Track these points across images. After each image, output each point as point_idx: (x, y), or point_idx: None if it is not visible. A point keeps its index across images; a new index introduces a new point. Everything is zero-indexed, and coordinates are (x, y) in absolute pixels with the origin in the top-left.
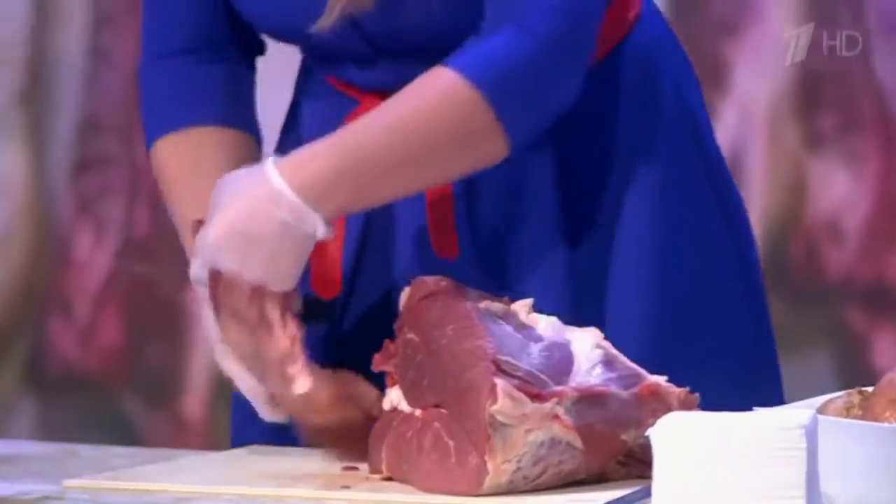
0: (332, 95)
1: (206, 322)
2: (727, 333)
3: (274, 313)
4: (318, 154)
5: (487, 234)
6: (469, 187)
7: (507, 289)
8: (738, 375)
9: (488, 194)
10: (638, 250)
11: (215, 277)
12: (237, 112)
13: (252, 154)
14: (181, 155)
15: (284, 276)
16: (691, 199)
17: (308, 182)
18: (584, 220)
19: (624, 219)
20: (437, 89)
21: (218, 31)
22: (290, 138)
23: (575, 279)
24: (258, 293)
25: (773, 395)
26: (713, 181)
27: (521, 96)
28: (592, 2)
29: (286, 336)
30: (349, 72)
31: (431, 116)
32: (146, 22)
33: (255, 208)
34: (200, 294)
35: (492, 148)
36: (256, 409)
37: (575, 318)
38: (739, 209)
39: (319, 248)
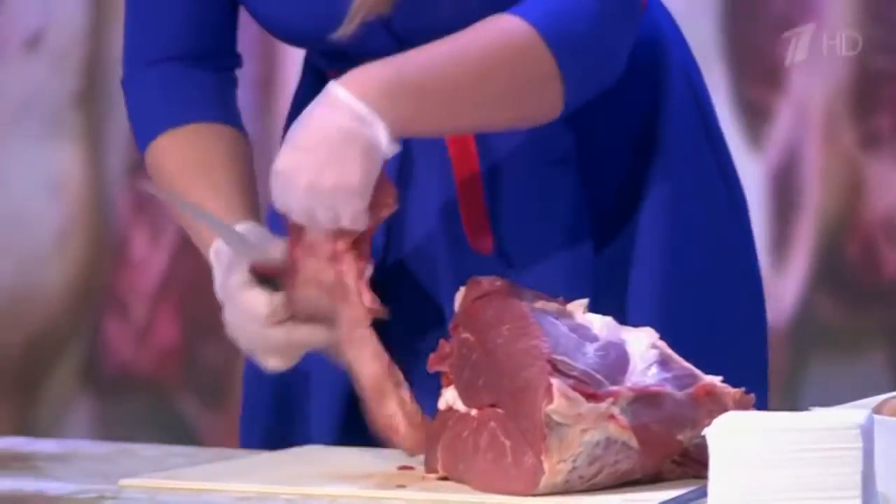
0: None
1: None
2: (732, 325)
3: (350, 277)
4: (378, 67)
5: (512, 231)
6: (494, 180)
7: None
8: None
9: (514, 187)
10: (652, 247)
11: (295, 233)
12: (229, 113)
13: (250, 151)
14: (183, 149)
15: (356, 192)
16: (703, 187)
17: (368, 90)
18: (604, 214)
19: (643, 212)
20: (502, 29)
21: (206, 41)
22: None
23: (597, 276)
24: (336, 239)
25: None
26: (722, 166)
27: (583, 51)
28: None
29: (361, 303)
30: None
31: (494, 54)
32: (131, 30)
33: (318, 122)
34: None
35: (549, 99)
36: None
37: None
38: (742, 198)
39: None
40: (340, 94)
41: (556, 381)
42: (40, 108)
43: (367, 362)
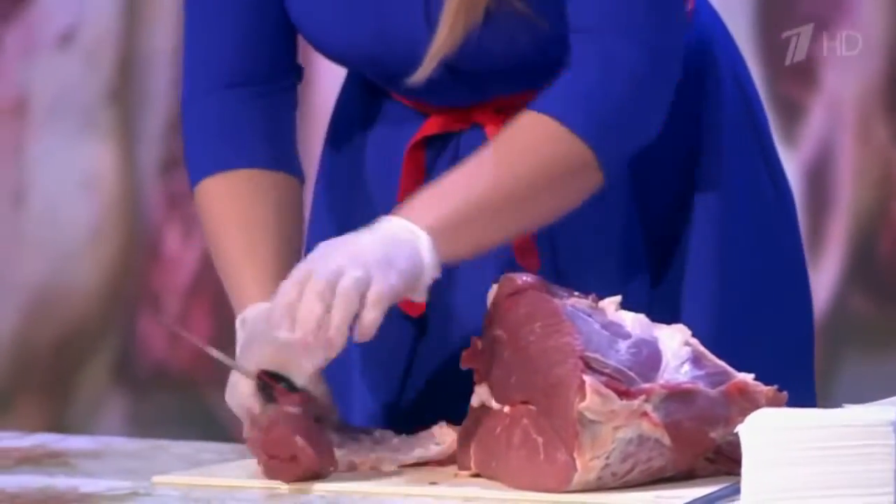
0: (395, 111)
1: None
2: (782, 328)
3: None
4: (434, 204)
5: (565, 245)
6: None
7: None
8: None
9: None
10: (705, 253)
11: None
12: (282, 150)
13: (298, 196)
14: (228, 199)
15: (395, 293)
16: (753, 191)
17: (435, 227)
18: (656, 221)
19: (694, 219)
20: (543, 140)
21: (264, 63)
22: (345, 155)
23: (652, 286)
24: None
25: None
26: (770, 167)
27: (618, 135)
28: (678, 34)
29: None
30: (422, 94)
31: (539, 167)
32: (189, 55)
33: (372, 231)
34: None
35: (591, 184)
36: None
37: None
38: (790, 199)
39: None
40: (386, 218)
41: (588, 379)
42: (73, 104)
43: None
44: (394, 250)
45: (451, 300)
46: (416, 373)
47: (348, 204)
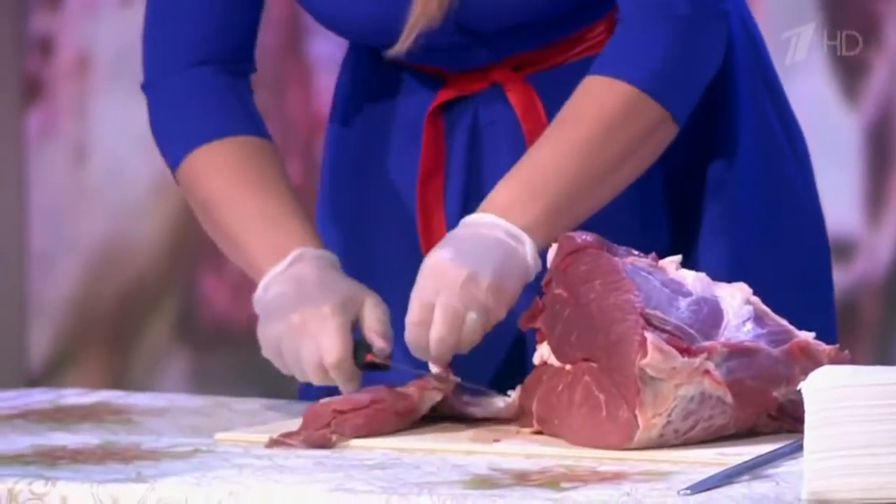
0: (407, 79)
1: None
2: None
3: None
4: (530, 199)
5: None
6: None
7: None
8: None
9: None
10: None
11: None
12: (256, 119)
13: (279, 156)
14: (230, 162)
15: (507, 304)
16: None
17: (535, 225)
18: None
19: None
20: (619, 106)
21: (237, 42)
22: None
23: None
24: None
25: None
26: (782, 117)
27: (683, 82)
28: None
29: None
30: (437, 58)
31: (624, 137)
32: (155, 34)
33: (473, 232)
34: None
35: (669, 136)
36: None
37: None
38: (804, 146)
39: (427, 231)
40: (488, 218)
41: (649, 336)
42: (136, 62)
43: None
44: (505, 269)
45: None
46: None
47: (366, 177)
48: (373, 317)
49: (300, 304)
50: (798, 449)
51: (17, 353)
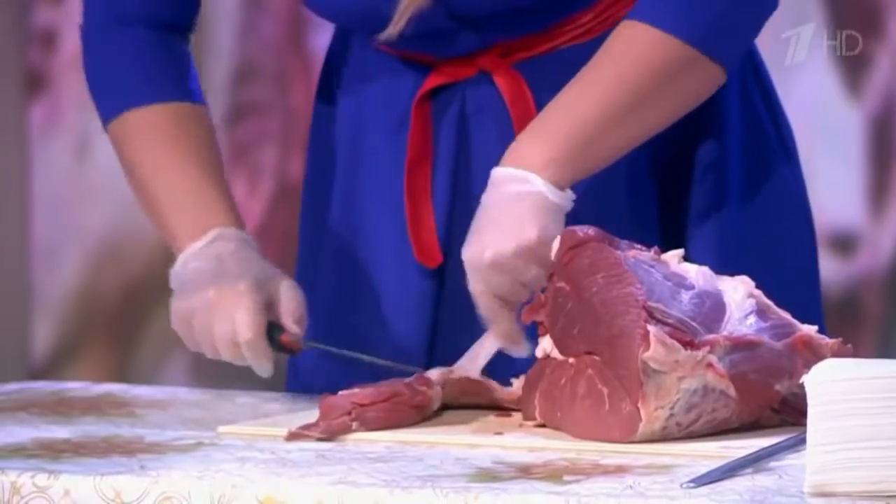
0: (393, 66)
1: None
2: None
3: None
4: (539, 141)
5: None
6: None
7: None
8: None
9: None
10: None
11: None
12: (193, 85)
13: (212, 125)
14: (153, 133)
15: (534, 250)
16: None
17: (533, 165)
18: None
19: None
20: (643, 46)
21: (177, 6)
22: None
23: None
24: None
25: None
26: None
27: (731, 33)
28: None
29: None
30: (425, 45)
31: (647, 72)
32: None
33: (487, 202)
34: None
35: (710, 77)
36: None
37: None
38: (791, 138)
39: (415, 218)
40: (500, 172)
41: (652, 328)
42: None
43: None
44: (524, 213)
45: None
46: (443, 323)
47: (352, 164)
48: (289, 299)
49: (217, 280)
50: (801, 442)
51: (19, 347)
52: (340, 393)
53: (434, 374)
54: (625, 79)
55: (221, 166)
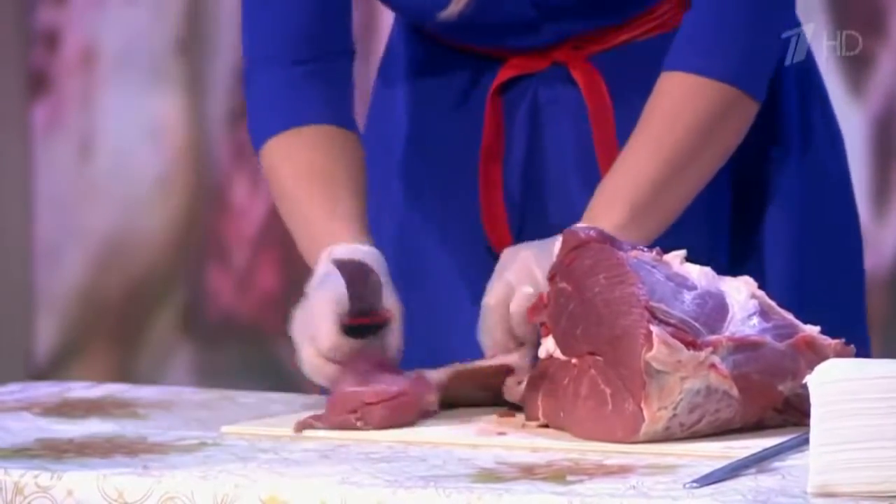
0: (462, 61)
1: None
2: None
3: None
4: (611, 210)
5: None
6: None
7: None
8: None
9: None
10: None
11: None
12: (345, 111)
13: (362, 153)
14: (298, 153)
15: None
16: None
17: (614, 226)
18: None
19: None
20: (690, 98)
21: (327, 38)
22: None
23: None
24: None
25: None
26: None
27: (753, 60)
28: None
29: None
30: (500, 37)
31: (696, 127)
32: (252, 25)
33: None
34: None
35: (749, 115)
36: None
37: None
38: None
39: (487, 205)
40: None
41: (655, 329)
42: (142, 55)
43: None
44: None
45: (542, 232)
46: None
47: (421, 163)
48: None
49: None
50: (804, 442)
51: (23, 346)
52: (349, 389)
53: (435, 374)
54: (675, 133)
55: (355, 187)
